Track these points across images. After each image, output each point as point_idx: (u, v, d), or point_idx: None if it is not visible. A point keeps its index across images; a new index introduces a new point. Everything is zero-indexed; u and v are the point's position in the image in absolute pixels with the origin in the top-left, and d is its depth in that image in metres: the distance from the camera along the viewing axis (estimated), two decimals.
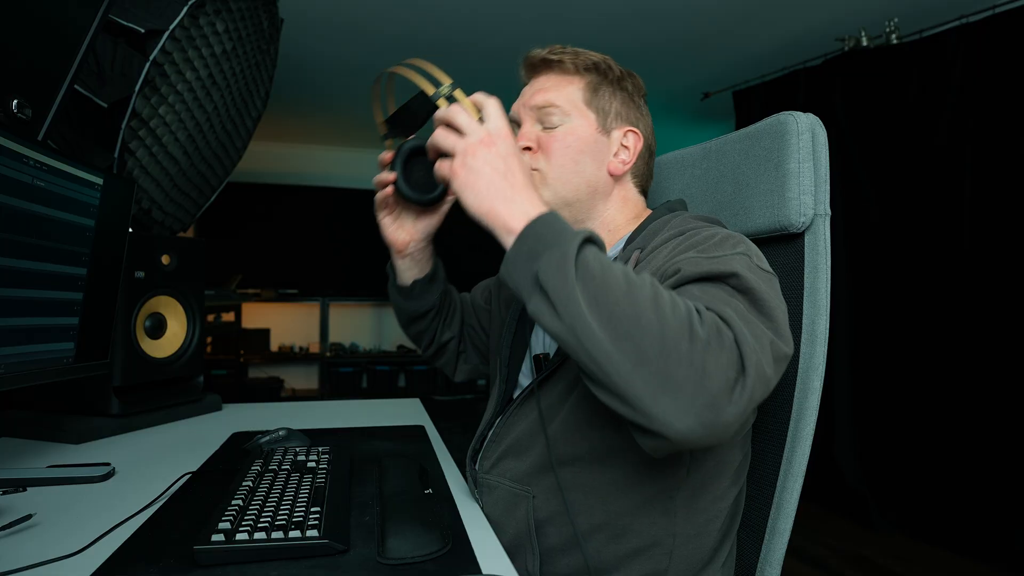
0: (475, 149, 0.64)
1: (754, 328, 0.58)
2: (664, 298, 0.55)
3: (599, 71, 0.87)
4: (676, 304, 0.55)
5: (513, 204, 0.62)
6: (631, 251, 0.80)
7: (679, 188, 1.03)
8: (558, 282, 0.55)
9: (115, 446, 1.10)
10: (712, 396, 0.51)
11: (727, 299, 0.60)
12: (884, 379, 2.77)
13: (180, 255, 1.34)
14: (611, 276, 0.55)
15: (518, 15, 2.97)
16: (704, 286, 0.63)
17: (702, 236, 0.73)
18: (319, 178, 5.50)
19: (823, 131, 0.84)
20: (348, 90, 4.06)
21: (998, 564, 2.33)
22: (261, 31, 1.82)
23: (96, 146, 1.36)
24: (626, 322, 0.53)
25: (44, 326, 0.92)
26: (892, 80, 2.77)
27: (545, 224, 0.60)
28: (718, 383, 0.52)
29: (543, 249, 0.57)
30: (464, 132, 0.66)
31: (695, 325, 0.53)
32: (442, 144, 0.67)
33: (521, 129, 0.88)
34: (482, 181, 0.63)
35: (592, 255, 0.57)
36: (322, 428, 1.21)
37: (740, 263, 0.65)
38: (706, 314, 0.56)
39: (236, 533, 0.62)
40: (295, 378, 5.33)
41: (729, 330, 0.55)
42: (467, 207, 0.64)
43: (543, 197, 0.81)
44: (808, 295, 0.84)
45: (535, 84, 0.89)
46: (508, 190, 0.63)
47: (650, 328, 0.52)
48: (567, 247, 0.56)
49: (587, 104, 0.86)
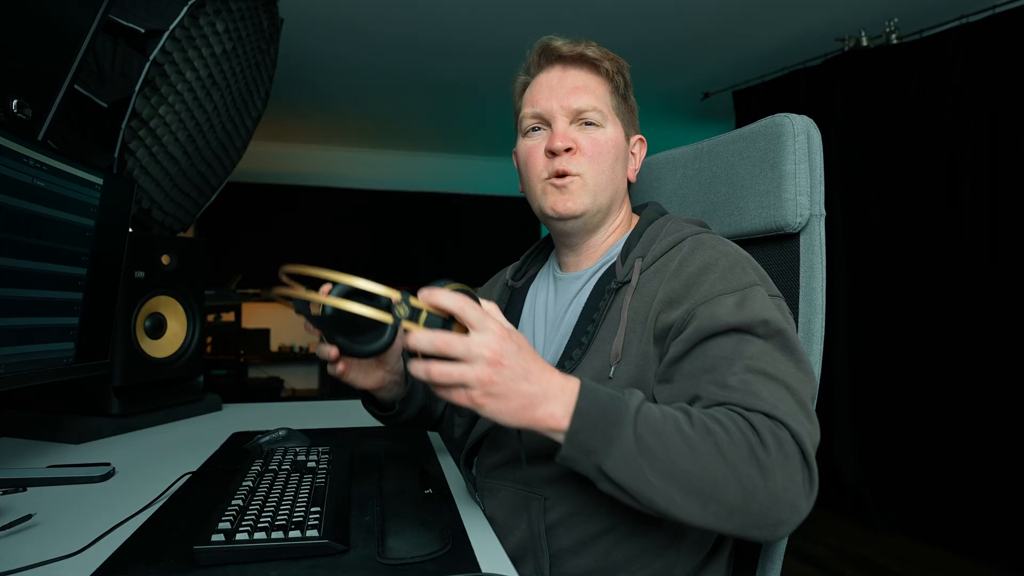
0: (489, 375, 0.56)
1: (796, 391, 0.62)
2: (723, 441, 0.57)
3: (621, 74, 0.87)
4: (735, 442, 0.57)
5: (547, 404, 0.58)
6: (632, 259, 0.80)
7: (671, 188, 1.03)
8: (627, 476, 0.57)
9: (115, 446, 1.10)
10: (793, 507, 0.57)
11: (762, 355, 0.64)
12: (884, 379, 2.77)
13: (180, 255, 1.34)
14: (673, 446, 0.57)
15: (518, 15, 2.97)
16: (739, 342, 0.65)
17: (710, 258, 0.73)
18: (319, 178, 5.50)
19: (818, 133, 0.85)
20: (348, 90, 4.06)
21: (998, 564, 2.33)
22: (261, 31, 1.83)
23: (96, 146, 1.36)
24: (704, 487, 0.56)
25: (44, 326, 0.92)
26: (892, 80, 2.77)
27: (589, 415, 0.58)
28: (795, 494, 0.57)
29: (599, 444, 0.57)
30: (465, 360, 0.56)
31: (760, 456, 0.57)
32: (448, 381, 0.57)
33: (555, 127, 0.83)
34: (512, 402, 0.58)
35: (646, 431, 0.57)
36: (322, 428, 1.22)
37: (760, 301, 0.68)
38: (762, 428, 0.58)
39: (236, 533, 0.62)
40: (295, 378, 5.33)
41: (785, 431, 0.58)
42: (503, 424, 0.59)
43: (583, 203, 0.82)
44: (804, 295, 0.84)
45: (569, 79, 0.84)
46: (538, 393, 0.58)
47: (727, 485, 0.56)
48: (624, 435, 0.57)
49: (615, 110, 0.86)
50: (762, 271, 0.76)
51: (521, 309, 0.95)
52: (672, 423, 0.58)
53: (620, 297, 0.78)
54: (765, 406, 0.59)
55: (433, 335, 0.56)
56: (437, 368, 0.56)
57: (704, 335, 0.66)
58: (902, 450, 2.70)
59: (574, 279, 0.89)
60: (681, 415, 0.59)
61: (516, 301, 0.97)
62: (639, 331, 0.74)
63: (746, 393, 0.61)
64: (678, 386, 0.67)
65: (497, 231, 5.70)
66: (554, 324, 0.88)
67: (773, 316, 0.67)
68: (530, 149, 0.86)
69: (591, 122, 0.83)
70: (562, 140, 0.81)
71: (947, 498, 2.53)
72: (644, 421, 0.58)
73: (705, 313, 0.68)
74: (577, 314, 0.84)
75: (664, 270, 0.76)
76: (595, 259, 0.88)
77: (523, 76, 0.91)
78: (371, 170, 5.67)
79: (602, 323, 0.78)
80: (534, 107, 0.85)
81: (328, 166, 5.58)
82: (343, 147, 5.63)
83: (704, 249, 0.76)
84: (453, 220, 5.72)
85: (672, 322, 0.71)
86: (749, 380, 0.61)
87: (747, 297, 0.68)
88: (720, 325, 0.66)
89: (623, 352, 0.74)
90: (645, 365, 0.73)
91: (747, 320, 0.66)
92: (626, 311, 0.76)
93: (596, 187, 0.83)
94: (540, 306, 0.92)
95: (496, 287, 1.04)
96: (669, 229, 0.82)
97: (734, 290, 0.69)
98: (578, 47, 0.84)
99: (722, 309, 0.67)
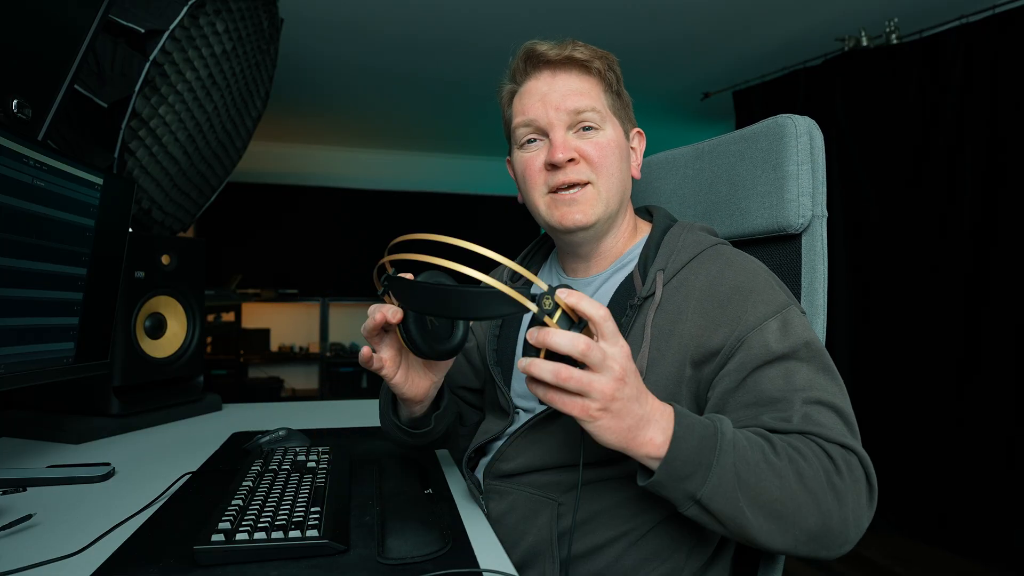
0: (613, 391, 0.54)
1: (845, 414, 0.66)
2: (804, 468, 0.60)
3: (612, 70, 0.83)
4: (814, 469, 0.60)
5: (650, 428, 0.58)
6: (654, 272, 0.77)
7: (671, 188, 1.03)
8: (721, 504, 0.58)
9: (115, 446, 1.10)
10: (859, 527, 0.62)
11: (811, 384, 0.66)
12: (884, 379, 2.77)
13: (180, 255, 1.34)
14: (763, 474, 0.59)
15: (518, 15, 2.97)
16: (788, 372, 0.67)
17: (743, 280, 0.73)
18: (319, 178, 5.50)
19: (820, 134, 0.85)
20: (348, 90, 4.06)
21: (998, 564, 2.33)
22: (261, 31, 1.82)
23: (96, 146, 1.36)
24: (788, 514, 0.59)
25: (44, 326, 0.92)
26: (892, 80, 2.77)
27: (687, 443, 0.58)
28: (861, 514, 0.62)
29: (695, 471, 0.58)
30: (598, 369, 0.54)
31: (836, 482, 0.60)
32: (576, 387, 0.54)
33: (553, 138, 0.78)
34: (624, 421, 0.56)
35: (740, 461, 0.59)
36: (322, 428, 1.21)
37: (798, 321, 0.70)
38: (835, 454, 0.62)
39: (236, 533, 0.62)
40: (295, 378, 5.33)
41: (854, 456, 0.63)
42: (601, 442, 0.57)
43: (595, 213, 0.79)
44: (806, 295, 0.84)
45: (560, 84, 0.80)
46: (644, 416, 0.57)
47: (808, 511, 0.59)
48: (722, 464, 0.58)
49: (611, 108, 0.82)
50: (781, 282, 0.77)
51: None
52: (760, 452, 0.60)
53: (643, 312, 0.76)
54: (834, 435, 0.63)
55: (575, 337, 0.52)
56: (568, 371, 0.53)
57: (756, 364, 0.68)
58: (902, 450, 2.70)
59: (583, 285, 0.86)
60: (765, 443, 0.61)
61: None
62: (665, 349, 0.73)
63: (810, 424, 0.64)
64: (735, 418, 0.67)
65: (497, 231, 5.69)
66: None
67: (811, 337, 0.70)
68: (527, 162, 0.81)
69: (590, 126, 0.79)
70: (563, 151, 0.77)
71: (947, 498, 2.53)
72: (738, 450, 0.59)
73: (756, 340, 0.69)
74: None
75: (688, 286, 0.75)
76: (604, 265, 0.86)
77: (509, 84, 0.86)
78: (371, 170, 5.67)
79: (626, 339, 0.76)
80: (526, 116, 0.80)
81: (328, 166, 5.58)
82: (343, 147, 5.62)
83: (731, 268, 0.75)
84: (454, 220, 5.72)
85: (716, 348, 0.70)
86: (809, 414, 0.64)
87: (788, 321, 0.70)
88: (770, 355, 0.68)
89: (648, 369, 0.73)
90: (677, 387, 0.72)
91: (793, 346, 0.68)
92: (650, 327, 0.74)
93: (608, 193, 0.79)
94: None
95: None
96: (687, 240, 0.80)
97: (775, 312, 0.70)
98: (565, 50, 0.80)
99: (770, 336, 0.69)
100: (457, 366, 0.98)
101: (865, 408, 2.81)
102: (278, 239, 5.28)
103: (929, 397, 2.62)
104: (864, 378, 2.84)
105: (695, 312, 0.73)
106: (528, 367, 0.54)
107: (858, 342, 2.87)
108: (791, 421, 0.64)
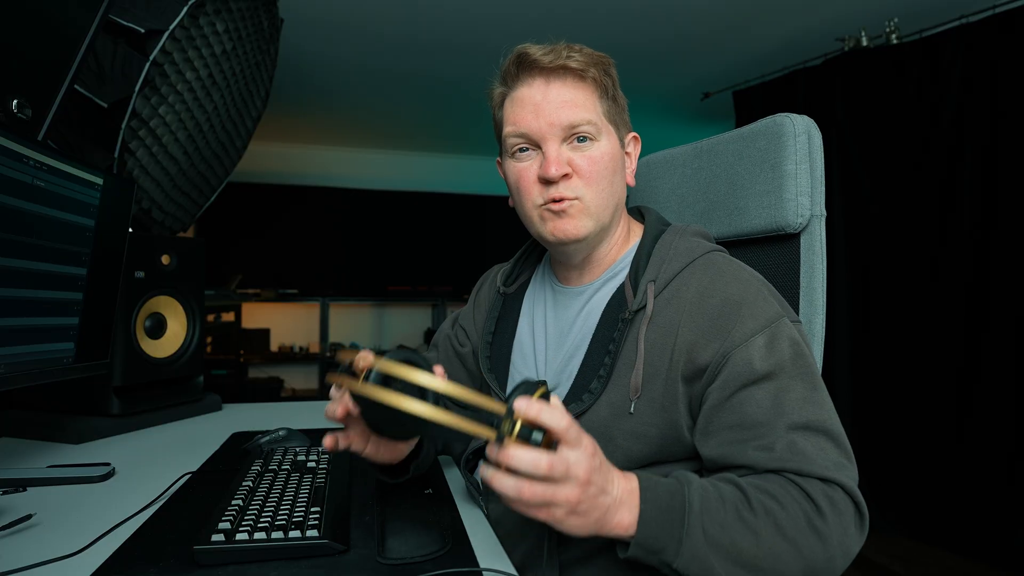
0: (578, 496, 0.55)
1: (834, 435, 0.65)
2: (782, 518, 0.60)
3: (607, 74, 0.80)
4: (792, 516, 0.60)
5: (618, 512, 0.58)
6: (644, 284, 0.76)
7: (669, 187, 1.03)
8: (696, 570, 0.59)
9: (115, 446, 1.10)
10: (847, 555, 0.63)
11: (797, 406, 0.66)
12: (884, 379, 2.77)
13: (180, 255, 1.34)
14: (737, 534, 0.59)
15: (518, 15, 2.97)
16: (775, 393, 0.66)
17: (734, 293, 0.72)
18: (319, 178, 5.50)
19: (819, 133, 0.85)
20: (348, 90, 4.06)
21: (998, 564, 2.33)
22: (261, 31, 1.83)
23: (96, 146, 1.36)
24: (768, 566, 0.60)
25: (44, 326, 0.92)
26: (892, 80, 2.77)
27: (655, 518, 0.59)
28: (848, 544, 0.62)
29: (667, 544, 0.59)
30: (562, 481, 0.54)
31: (818, 525, 0.60)
32: (539, 502, 0.54)
33: (547, 151, 0.76)
34: (591, 517, 0.57)
35: (711, 524, 0.59)
36: (322, 428, 1.21)
37: (787, 334, 0.69)
38: (816, 494, 0.61)
39: (236, 533, 0.62)
40: (295, 378, 5.33)
41: (838, 490, 0.62)
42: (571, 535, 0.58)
43: (585, 227, 0.77)
44: (804, 295, 0.84)
45: (554, 93, 0.77)
46: (611, 504, 0.58)
47: (789, 559, 0.60)
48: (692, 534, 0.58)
49: (607, 116, 0.80)
50: (775, 291, 0.76)
51: (517, 319, 0.92)
52: (733, 511, 0.60)
53: (635, 326, 0.75)
54: (816, 469, 0.62)
55: (537, 458, 0.53)
56: (530, 489, 0.53)
57: (741, 384, 0.67)
58: (902, 450, 2.70)
59: (576, 294, 0.86)
60: (739, 496, 0.61)
61: (510, 309, 0.93)
62: (658, 365, 0.72)
63: (794, 455, 0.63)
64: (720, 440, 0.68)
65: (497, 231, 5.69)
66: (556, 341, 0.85)
67: (799, 351, 0.69)
68: (520, 172, 0.79)
69: (585, 137, 0.77)
70: (557, 167, 0.75)
71: (947, 498, 2.53)
72: (708, 515, 0.59)
73: (739, 358, 0.68)
74: (584, 335, 0.81)
75: (680, 298, 0.74)
76: (597, 273, 0.85)
77: (500, 87, 0.83)
78: (371, 170, 5.67)
79: (619, 355, 0.75)
80: (519, 128, 0.78)
81: (328, 166, 5.58)
82: (343, 147, 5.62)
83: (722, 279, 0.74)
84: (454, 220, 5.71)
85: (704, 364, 0.70)
86: (794, 442, 0.64)
87: (775, 335, 0.69)
88: (754, 374, 0.67)
89: (643, 387, 0.72)
90: (672, 405, 0.71)
91: (778, 363, 0.67)
92: (643, 342, 0.73)
93: (598, 208, 0.78)
94: (539, 319, 0.89)
95: (487, 293, 1.01)
96: (678, 247, 0.79)
97: (763, 327, 0.69)
98: (559, 57, 0.76)
99: (755, 353, 0.68)
100: (451, 372, 0.97)
101: (864, 408, 2.81)
102: (278, 239, 5.27)
103: (929, 396, 2.62)
104: (863, 377, 2.84)
105: (686, 327, 0.72)
106: (491, 480, 0.54)
107: (857, 341, 2.87)
108: (774, 450, 0.64)
